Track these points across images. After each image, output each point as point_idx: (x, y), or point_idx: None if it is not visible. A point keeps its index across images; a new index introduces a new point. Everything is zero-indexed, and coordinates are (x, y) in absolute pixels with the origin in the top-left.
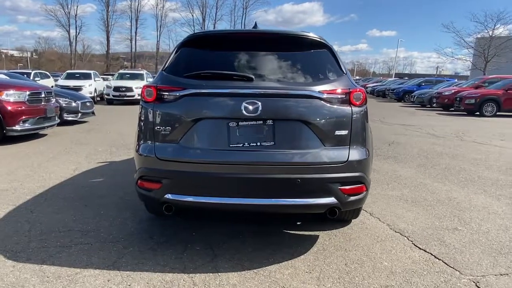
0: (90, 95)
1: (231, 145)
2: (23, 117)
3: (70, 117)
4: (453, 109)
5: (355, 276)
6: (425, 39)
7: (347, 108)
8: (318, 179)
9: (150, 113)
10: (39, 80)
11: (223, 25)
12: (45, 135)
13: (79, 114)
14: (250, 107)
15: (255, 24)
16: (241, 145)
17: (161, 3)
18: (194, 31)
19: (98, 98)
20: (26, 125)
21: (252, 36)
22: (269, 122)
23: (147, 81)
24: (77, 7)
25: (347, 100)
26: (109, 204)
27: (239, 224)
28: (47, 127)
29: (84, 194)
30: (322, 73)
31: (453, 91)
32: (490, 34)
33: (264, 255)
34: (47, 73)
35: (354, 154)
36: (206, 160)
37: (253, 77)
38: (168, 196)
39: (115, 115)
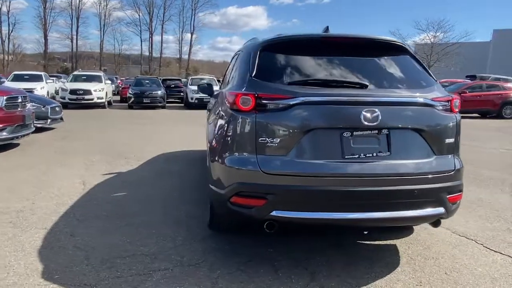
0: None
1: (346, 157)
2: (1, 125)
3: (39, 124)
4: None
5: (465, 285)
6: None
7: (452, 116)
8: (433, 189)
9: (248, 123)
10: None
11: (172, 26)
12: (17, 144)
13: (49, 120)
14: (370, 116)
15: (327, 28)
16: (357, 156)
17: (104, 1)
18: (141, 31)
19: None
20: (4, 133)
21: (341, 40)
22: (385, 131)
23: (105, 83)
24: (9, 3)
25: (449, 107)
26: (155, 222)
27: (306, 237)
28: (24, 135)
29: (117, 212)
30: (421, 80)
31: None
32: (432, 41)
33: (361, 269)
34: None
35: (457, 162)
36: (319, 173)
37: (368, 84)
38: (275, 213)
39: (81, 120)
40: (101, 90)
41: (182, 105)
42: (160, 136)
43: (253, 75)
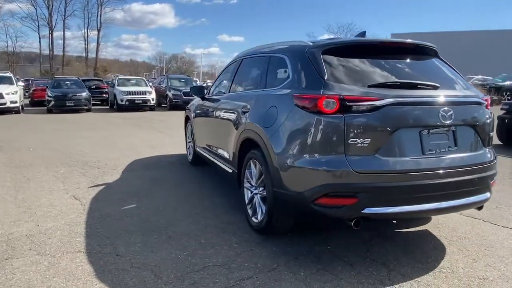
0: None
1: (426, 153)
2: None
3: None
4: None
5: (507, 257)
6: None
7: (490, 112)
8: (486, 177)
9: (336, 125)
10: None
11: (76, 21)
12: None
13: None
14: (446, 115)
15: (364, 32)
16: (434, 151)
17: None
18: (38, 27)
19: None
20: None
21: (396, 45)
22: (452, 128)
23: (17, 86)
24: None
25: (486, 105)
26: (195, 232)
27: (345, 230)
28: None
29: (144, 225)
30: (461, 81)
31: None
32: None
33: (419, 255)
34: None
35: (494, 152)
36: (406, 169)
37: (439, 85)
38: (367, 210)
39: (1, 128)
40: (14, 93)
41: (107, 107)
42: (113, 142)
43: (325, 78)
